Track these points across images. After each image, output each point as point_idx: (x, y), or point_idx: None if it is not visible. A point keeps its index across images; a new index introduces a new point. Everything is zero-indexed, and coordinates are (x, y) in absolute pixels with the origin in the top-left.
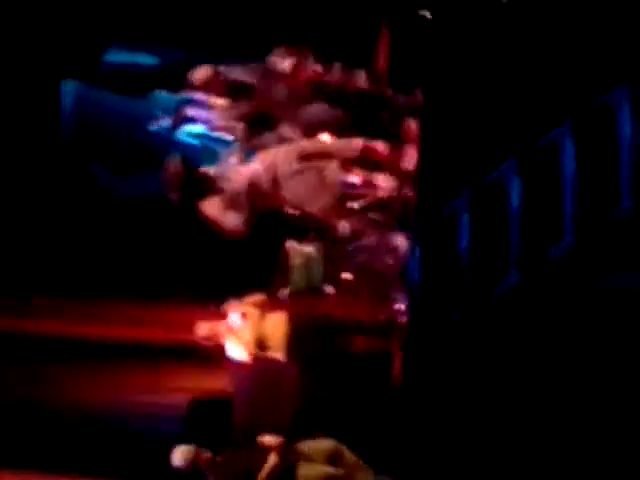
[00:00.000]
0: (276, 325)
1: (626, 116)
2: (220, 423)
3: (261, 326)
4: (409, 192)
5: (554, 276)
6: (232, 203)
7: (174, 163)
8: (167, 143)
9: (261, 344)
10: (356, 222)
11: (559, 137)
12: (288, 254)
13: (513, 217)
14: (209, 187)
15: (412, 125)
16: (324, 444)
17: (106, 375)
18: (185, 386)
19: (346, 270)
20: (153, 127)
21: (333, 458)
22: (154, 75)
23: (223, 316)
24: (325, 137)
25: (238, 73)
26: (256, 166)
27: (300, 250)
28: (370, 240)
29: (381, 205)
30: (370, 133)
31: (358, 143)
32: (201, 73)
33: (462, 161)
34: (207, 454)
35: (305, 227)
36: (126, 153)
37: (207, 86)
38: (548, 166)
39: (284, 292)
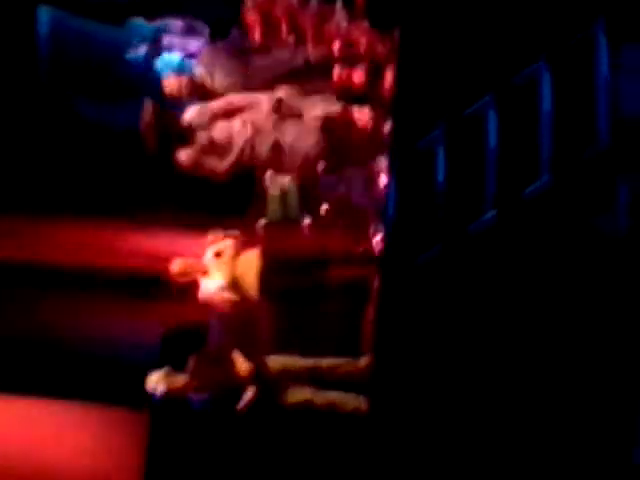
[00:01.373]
0: (250, 264)
1: (603, 52)
2: (194, 352)
3: (234, 266)
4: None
5: (529, 214)
6: (210, 151)
7: (147, 111)
8: (144, 72)
9: (235, 284)
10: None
11: (536, 73)
12: (265, 184)
13: (490, 153)
14: (184, 134)
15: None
16: (302, 360)
17: (80, 303)
18: (160, 317)
19: (323, 201)
20: (130, 56)
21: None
22: (131, 3)
23: (202, 248)
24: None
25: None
26: (235, 125)
27: (277, 180)
28: (348, 172)
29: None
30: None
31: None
32: None
33: (440, 95)
34: (182, 377)
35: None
36: (103, 81)
37: None
38: (526, 102)
39: (260, 223)
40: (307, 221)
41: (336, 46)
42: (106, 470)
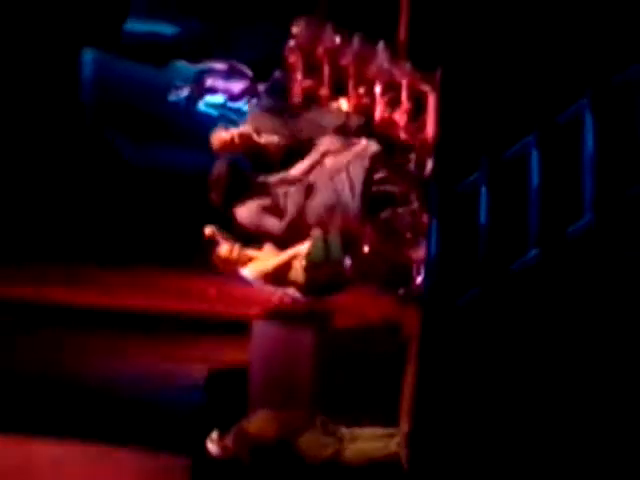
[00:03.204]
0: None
1: None
2: (237, 394)
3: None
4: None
5: (573, 253)
6: (272, 209)
7: (221, 166)
8: (187, 114)
9: (279, 276)
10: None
11: (579, 112)
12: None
13: (532, 192)
14: (252, 192)
15: (431, 98)
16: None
17: (121, 344)
18: (201, 357)
19: (365, 244)
20: (172, 97)
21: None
22: (174, 45)
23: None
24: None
25: None
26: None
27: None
28: (389, 212)
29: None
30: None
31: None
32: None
33: (482, 135)
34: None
35: None
36: (145, 123)
37: None
38: (569, 141)
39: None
40: (348, 262)
41: (378, 87)
42: None
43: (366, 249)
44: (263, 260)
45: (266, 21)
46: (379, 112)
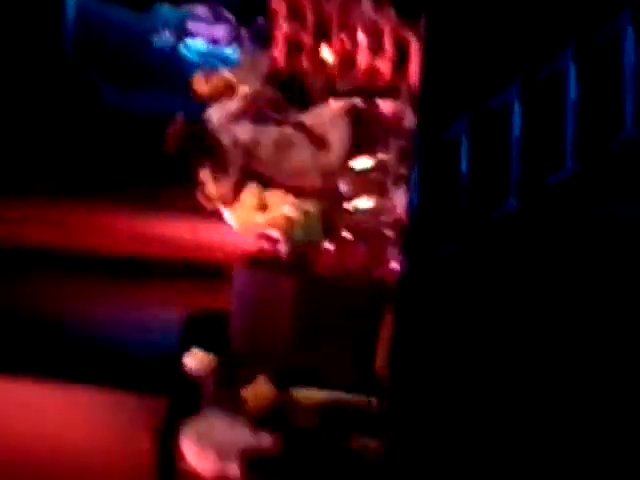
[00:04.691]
0: (277, 200)
1: (630, 43)
2: (216, 340)
3: (263, 196)
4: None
5: (554, 204)
6: (222, 169)
7: (176, 123)
8: (169, 58)
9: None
10: (356, 182)
11: (563, 63)
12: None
13: (514, 143)
14: (205, 147)
15: (414, 46)
16: (320, 394)
17: (99, 288)
18: (179, 301)
19: (345, 228)
20: (155, 42)
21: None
22: None
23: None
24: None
25: None
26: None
27: (301, 205)
28: (369, 201)
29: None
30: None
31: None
32: None
33: (465, 85)
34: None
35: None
36: (128, 67)
37: None
38: (552, 92)
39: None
40: (329, 245)
41: (361, 34)
42: (118, 455)
43: (346, 235)
44: (246, 207)
45: None
46: (362, 59)
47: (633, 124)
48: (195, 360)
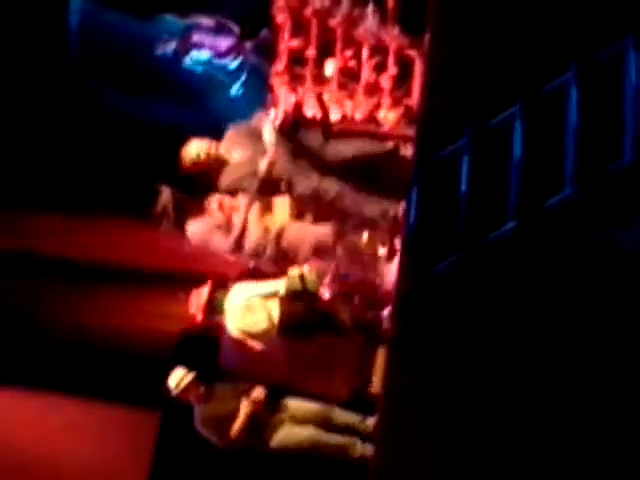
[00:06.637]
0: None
1: (632, 66)
2: (210, 355)
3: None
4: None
5: (551, 227)
6: (221, 226)
7: (165, 195)
8: (172, 68)
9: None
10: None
11: (564, 85)
12: None
13: (514, 163)
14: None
15: (418, 64)
16: (314, 406)
17: (95, 298)
18: (175, 312)
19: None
20: (158, 51)
21: (322, 422)
22: None
23: None
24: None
25: None
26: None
27: None
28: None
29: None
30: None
31: None
32: None
33: (466, 104)
34: (201, 386)
35: None
36: (130, 74)
37: None
38: (553, 114)
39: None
40: (326, 295)
41: (365, 50)
42: (114, 465)
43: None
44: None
45: None
46: (365, 76)
47: (633, 148)
48: (174, 378)
